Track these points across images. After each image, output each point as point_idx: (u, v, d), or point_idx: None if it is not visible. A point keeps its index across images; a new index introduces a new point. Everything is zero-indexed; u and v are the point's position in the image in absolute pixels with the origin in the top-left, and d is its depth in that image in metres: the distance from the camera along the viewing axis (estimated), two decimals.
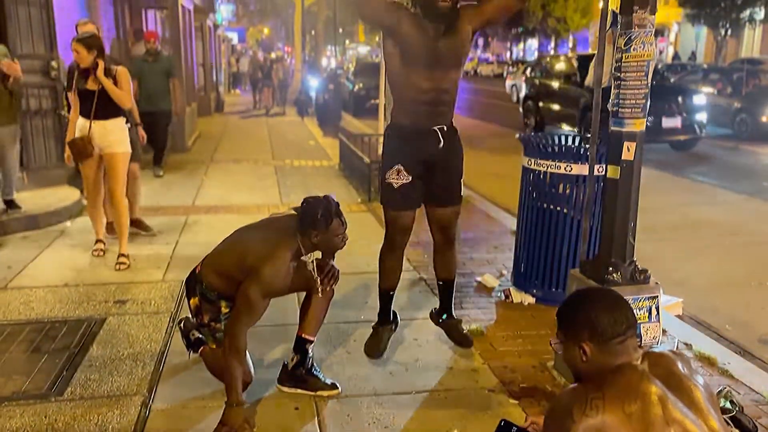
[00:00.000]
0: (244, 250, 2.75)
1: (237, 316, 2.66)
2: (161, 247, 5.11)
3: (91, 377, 3.07)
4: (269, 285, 2.63)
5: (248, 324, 2.66)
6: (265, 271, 2.60)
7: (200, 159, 9.45)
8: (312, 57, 25.46)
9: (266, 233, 2.80)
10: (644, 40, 2.70)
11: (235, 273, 2.73)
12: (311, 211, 2.68)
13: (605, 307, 1.64)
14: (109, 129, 4.60)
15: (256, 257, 2.65)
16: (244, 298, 2.63)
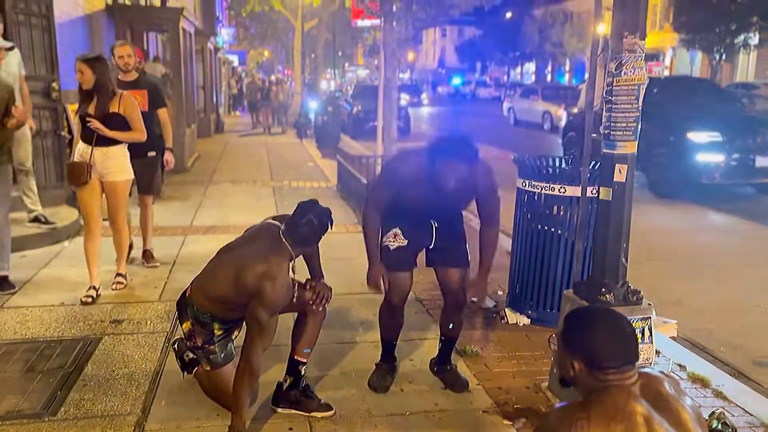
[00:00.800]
0: (237, 271, 2.71)
1: (251, 341, 2.65)
2: (158, 268, 5.12)
3: (85, 397, 3.07)
4: (275, 301, 2.63)
5: (264, 347, 2.67)
6: (267, 289, 2.60)
7: (199, 180, 9.50)
8: (311, 79, 25.68)
9: (254, 249, 2.78)
10: (634, 65, 2.76)
11: (231, 296, 2.72)
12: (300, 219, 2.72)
13: (610, 338, 1.63)
14: (110, 156, 4.35)
15: (254, 276, 2.63)
16: (255, 322, 2.63)
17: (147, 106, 5.15)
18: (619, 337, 1.64)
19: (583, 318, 1.74)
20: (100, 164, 4.34)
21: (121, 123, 4.34)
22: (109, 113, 4.28)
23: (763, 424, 3.01)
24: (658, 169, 9.21)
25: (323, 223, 2.74)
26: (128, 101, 4.39)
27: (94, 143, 4.30)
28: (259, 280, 2.62)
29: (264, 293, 2.60)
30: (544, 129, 19.95)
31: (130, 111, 4.39)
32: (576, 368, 1.64)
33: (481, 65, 54.36)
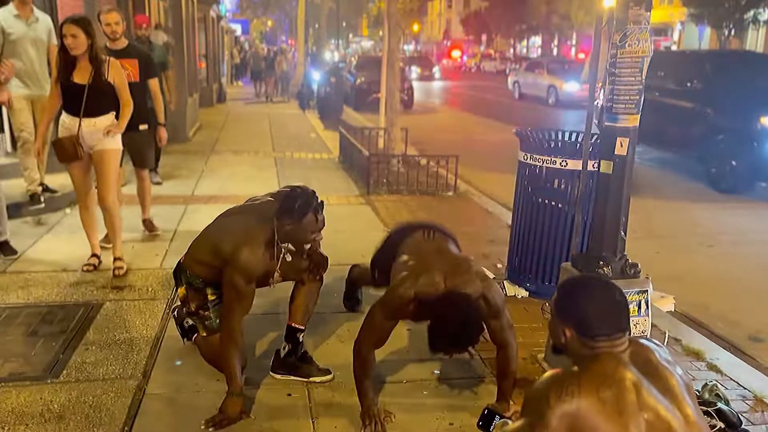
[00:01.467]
0: (219, 238, 2.80)
1: (228, 307, 2.71)
2: (160, 235, 5.15)
3: (87, 360, 3.11)
4: (248, 270, 2.65)
5: (241, 312, 2.69)
6: (240, 257, 2.64)
7: (201, 150, 9.48)
8: (314, 50, 25.46)
9: (241, 219, 2.83)
10: (639, 37, 2.73)
11: (213, 260, 2.77)
12: (291, 200, 2.68)
13: (602, 307, 1.65)
14: (99, 127, 4.08)
15: (231, 244, 2.69)
16: (229, 287, 2.68)
17: (138, 77, 4.94)
18: (610, 306, 1.66)
19: (575, 286, 1.76)
20: (89, 136, 4.08)
21: (110, 93, 4.11)
22: (101, 82, 4.04)
23: (755, 397, 3.05)
24: (720, 159, 8.06)
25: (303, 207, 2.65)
26: (117, 68, 4.15)
27: (81, 114, 4.04)
28: (236, 248, 2.67)
29: (238, 259, 2.64)
30: (549, 103, 19.80)
31: (120, 80, 4.16)
32: (567, 336, 1.66)
33: (487, 38, 53.73)
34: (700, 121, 8.48)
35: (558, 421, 1.50)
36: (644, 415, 1.49)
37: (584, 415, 1.49)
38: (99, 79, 4.02)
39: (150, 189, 5.31)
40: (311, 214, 2.68)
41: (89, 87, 4.00)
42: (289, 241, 2.75)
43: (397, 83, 8.87)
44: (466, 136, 12.45)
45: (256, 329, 3.49)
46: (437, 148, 8.82)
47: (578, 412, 1.49)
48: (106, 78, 4.05)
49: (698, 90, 8.72)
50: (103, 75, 4.04)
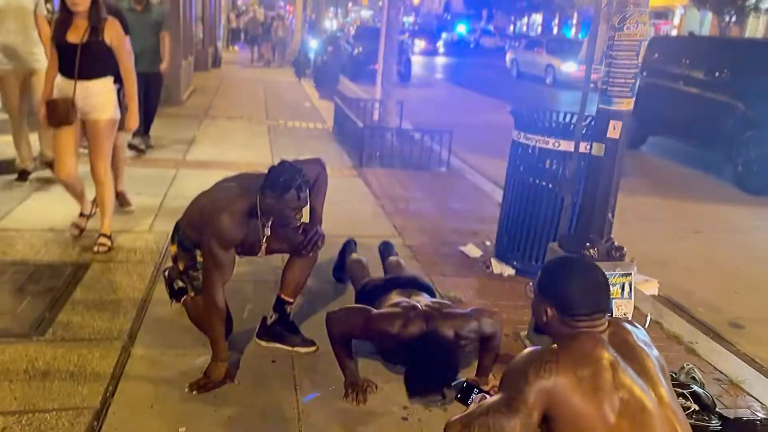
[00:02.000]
0: (206, 201, 2.82)
1: (207, 273, 2.72)
2: (150, 199, 5.13)
3: (73, 320, 3.12)
4: (222, 236, 2.65)
5: (220, 279, 2.69)
6: (217, 222, 2.65)
7: (194, 114, 9.40)
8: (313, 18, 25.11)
9: (228, 187, 2.83)
10: (638, 20, 2.72)
11: (199, 223, 2.78)
12: (276, 174, 2.64)
13: (583, 286, 1.67)
14: (94, 91, 3.87)
15: (213, 209, 2.70)
16: (207, 253, 2.69)
17: None
18: (591, 286, 1.68)
19: (558, 266, 1.78)
20: (82, 100, 3.87)
21: (105, 55, 3.86)
22: (97, 41, 3.80)
23: (731, 381, 3.11)
24: (748, 158, 7.46)
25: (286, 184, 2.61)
26: (116, 29, 3.87)
27: (76, 75, 3.81)
28: (216, 212, 2.67)
29: (214, 223, 2.64)
30: (546, 83, 19.71)
31: (119, 42, 3.88)
32: (549, 314, 1.69)
33: (488, 13, 53.12)
34: (728, 116, 7.82)
35: (535, 396, 1.53)
36: (619, 394, 1.53)
37: (561, 392, 1.52)
38: (93, 39, 3.80)
39: (125, 158, 4.96)
40: (294, 190, 2.62)
41: (82, 47, 3.76)
42: (270, 215, 2.73)
43: (395, 55, 8.80)
44: (462, 112, 12.40)
45: (245, 295, 3.51)
46: (432, 123, 8.79)
47: (555, 388, 1.53)
48: (102, 38, 3.82)
49: (727, 81, 8.10)
50: (98, 34, 3.81)
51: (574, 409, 1.51)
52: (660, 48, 9.88)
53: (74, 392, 2.57)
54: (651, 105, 8.79)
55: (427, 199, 5.92)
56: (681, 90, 8.67)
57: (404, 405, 2.68)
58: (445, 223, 5.17)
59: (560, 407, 1.52)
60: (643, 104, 8.98)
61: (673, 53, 9.35)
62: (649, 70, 9.25)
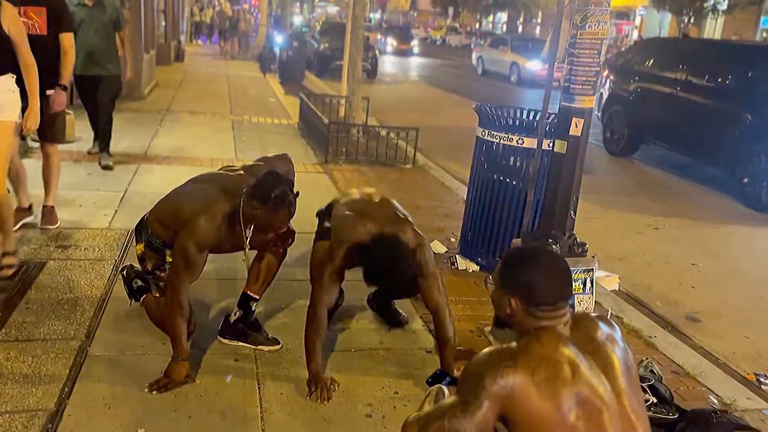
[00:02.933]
0: (183, 202, 2.75)
1: (175, 270, 2.67)
2: (109, 195, 5.01)
3: (27, 320, 3.03)
4: (202, 238, 2.61)
5: (188, 279, 2.65)
6: (198, 224, 2.59)
7: (156, 108, 9.22)
8: (279, 12, 24.88)
9: (208, 188, 2.78)
10: (600, 19, 2.75)
11: (173, 224, 2.72)
12: (269, 186, 2.58)
13: (546, 275, 1.66)
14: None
15: (192, 210, 2.64)
16: (180, 251, 2.63)
17: (45, 29, 4.08)
18: (555, 274, 1.67)
19: (521, 255, 1.76)
20: None
21: (2, 46, 3.33)
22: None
23: (687, 373, 3.19)
24: (756, 173, 6.85)
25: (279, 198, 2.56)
26: (12, 16, 3.34)
27: None
28: (196, 214, 2.61)
29: (195, 225, 2.59)
30: (511, 81, 19.91)
31: (16, 30, 3.36)
32: (513, 305, 1.67)
33: (454, 11, 53.40)
34: (732, 125, 7.19)
35: (491, 400, 1.51)
36: (578, 392, 1.51)
37: (518, 395, 1.51)
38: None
39: (58, 170, 4.34)
40: (287, 207, 2.59)
41: None
42: (255, 223, 2.69)
43: (361, 52, 8.77)
44: (428, 109, 12.43)
45: (208, 293, 3.45)
46: (398, 120, 8.79)
47: (513, 391, 1.51)
48: None
49: (734, 89, 7.45)
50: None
51: (532, 411, 1.50)
52: (655, 51, 9.50)
53: (28, 394, 2.49)
54: (645, 111, 8.64)
55: (393, 195, 5.84)
56: (679, 96, 8.08)
57: (368, 402, 2.67)
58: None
59: (518, 410, 1.51)
60: (636, 110, 8.85)
61: (669, 56, 8.81)
62: (642, 75, 8.98)
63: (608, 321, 1.75)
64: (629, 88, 9.18)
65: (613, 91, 9.52)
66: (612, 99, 9.50)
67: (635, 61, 9.43)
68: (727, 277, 4.91)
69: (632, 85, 9.13)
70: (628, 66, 9.48)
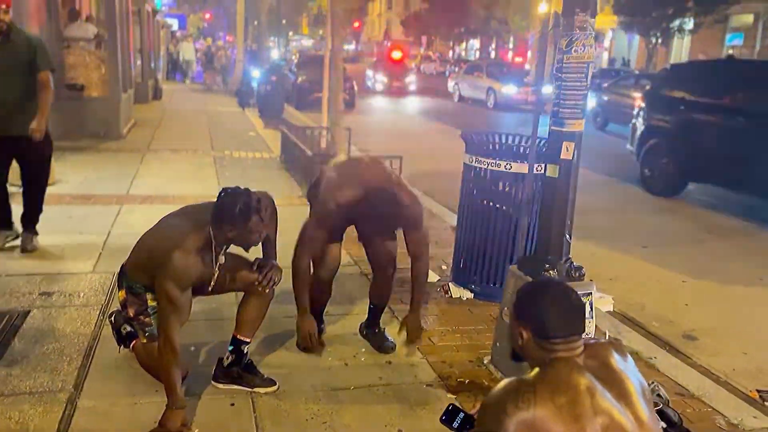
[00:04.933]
0: (154, 241, 2.69)
1: (162, 315, 2.58)
2: (92, 237, 4.90)
3: (12, 373, 2.91)
4: (179, 276, 2.53)
5: (177, 321, 2.56)
6: (172, 262, 2.51)
7: (135, 147, 9.13)
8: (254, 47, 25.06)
9: (176, 224, 2.70)
10: (584, 43, 2.77)
11: (149, 266, 2.64)
12: (229, 205, 2.54)
13: (557, 308, 1.68)
14: None
15: (164, 248, 2.56)
16: (161, 293, 2.55)
17: None
18: (567, 308, 1.68)
19: (533, 289, 1.79)
20: None
21: None
22: None
23: (692, 395, 3.15)
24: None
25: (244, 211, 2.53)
26: None
27: None
28: (168, 252, 2.53)
29: (169, 265, 2.50)
30: (488, 106, 20.15)
31: None
32: (524, 338, 1.68)
33: (427, 40, 54.27)
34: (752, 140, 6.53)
35: (515, 429, 1.49)
36: (599, 420, 1.51)
37: (541, 422, 1.49)
38: None
39: None
40: (255, 215, 2.55)
41: None
42: (234, 244, 2.68)
43: (341, 83, 8.79)
44: (408, 137, 12.49)
45: (198, 335, 3.35)
46: (381, 149, 8.78)
47: (534, 420, 1.49)
48: None
49: None
50: None
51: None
52: (694, 75, 8.60)
53: None
54: (691, 144, 7.52)
55: None
56: (732, 126, 7.00)
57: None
58: (400, 248, 5.10)
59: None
60: (681, 144, 7.58)
61: (713, 80, 7.77)
62: (687, 103, 7.82)
63: (620, 348, 1.73)
64: (668, 118, 8.08)
65: (650, 123, 8.43)
66: (649, 132, 8.38)
67: (672, 89, 8.34)
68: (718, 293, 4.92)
69: (672, 116, 8.03)
70: (664, 94, 8.43)
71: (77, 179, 6.75)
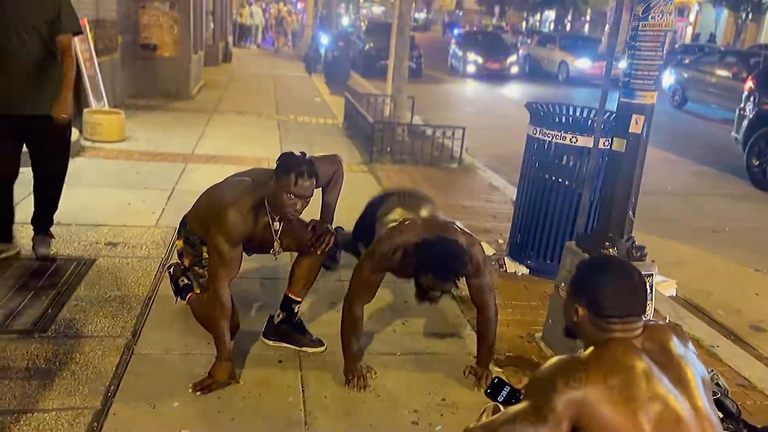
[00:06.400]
0: (214, 196, 2.75)
1: (212, 270, 2.63)
2: (157, 193, 5.06)
3: (76, 317, 3.05)
4: (229, 232, 2.56)
5: (226, 276, 2.60)
6: (225, 217, 2.56)
7: (203, 108, 9.32)
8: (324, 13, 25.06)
9: (238, 181, 2.75)
10: (663, 9, 2.60)
11: (207, 219, 2.71)
12: (280, 159, 2.59)
13: (617, 287, 1.58)
14: None
15: (221, 203, 2.62)
16: (212, 247, 2.60)
17: None
18: (627, 287, 1.58)
19: (594, 264, 1.70)
20: None
21: None
22: None
23: (754, 387, 2.99)
24: None
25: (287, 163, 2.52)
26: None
27: None
28: (224, 207, 2.59)
29: (222, 219, 2.56)
30: (559, 79, 19.50)
31: None
32: (579, 314, 1.60)
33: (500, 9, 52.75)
34: None
35: (564, 406, 1.44)
36: (653, 405, 1.43)
37: (591, 402, 1.43)
38: None
39: None
40: (293, 175, 2.50)
41: None
42: (270, 204, 2.63)
43: (407, 50, 8.67)
44: (474, 107, 12.27)
45: (251, 293, 3.43)
46: (444, 119, 8.66)
47: (585, 399, 1.43)
48: None
49: None
50: None
51: (606, 421, 1.41)
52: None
53: (75, 391, 2.49)
54: None
55: (439, 195, 5.77)
56: None
57: (414, 409, 2.58)
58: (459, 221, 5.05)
59: (591, 418, 1.42)
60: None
61: None
62: None
63: (681, 334, 1.64)
64: None
65: (761, 108, 7.83)
66: (760, 119, 7.77)
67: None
68: None
69: None
70: None
71: (146, 136, 6.95)
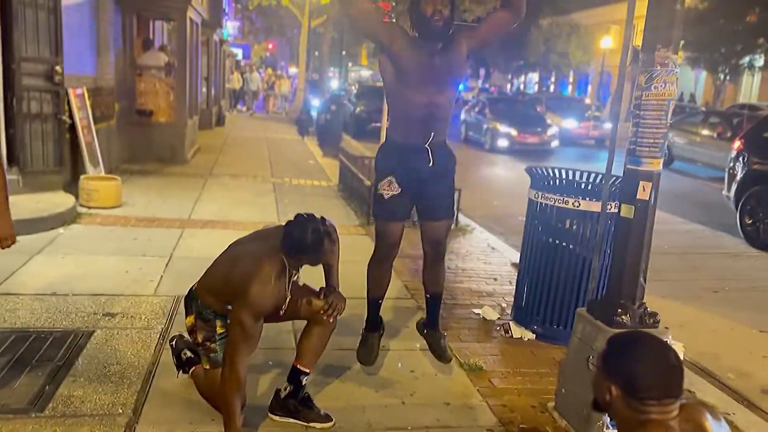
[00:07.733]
0: (228, 268, 2.68)
1: (234, 344, 2.55)
2: (155, 260, 4.99)
3: (74, 394, 2.94)
4: (257, 305, 2.52)
5: (247, 352, 2.54)
6: (251, 291, 2.50)
7: (199, 172, 9.35)
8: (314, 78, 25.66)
9: (251, 249, 2.71)
10: (666, 79, 2.66)
11: (224, 292, 2.65)
12: (300, 233, 2.54)
13: (654, 368, 1.53)
14: None
15: (241, 276, 2.56)
16: (237, 324, 2.52)
17: None
18: (664, 368, 1.54)
19: (628, 342, 1.63)
20: None
21: None
22: None
23: None
24: None
25: (316, 239, 2.56)
26: None
27: None
28: (246, 281, 2.52)
29: (248, 294, 2.50)
30: None
31: None
32: (613, 394, 1.55)
33: (485, 72, 54.24)
34: None
35: None
36: None
37: None
38: None
39: None
40: (326, 240, 2.59)
41: None
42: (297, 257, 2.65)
43: None
44: (465, 167, 12.39)
45: (256, 363, 3.32)
46: None
47: None
48: None
49: None
50: None
51: None
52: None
53: None
54: None
55: None
56: None
57: None
58: (458, 283, 5.02)
59: None
60: None
61: None
62: None
63: (714, 412, 1.59)
64: None
65: (751, 168, 7.94)
66: (750, 178, 7.87)
67: None
68: None
69: None
70: None
71: (142, 201, 6.94)
